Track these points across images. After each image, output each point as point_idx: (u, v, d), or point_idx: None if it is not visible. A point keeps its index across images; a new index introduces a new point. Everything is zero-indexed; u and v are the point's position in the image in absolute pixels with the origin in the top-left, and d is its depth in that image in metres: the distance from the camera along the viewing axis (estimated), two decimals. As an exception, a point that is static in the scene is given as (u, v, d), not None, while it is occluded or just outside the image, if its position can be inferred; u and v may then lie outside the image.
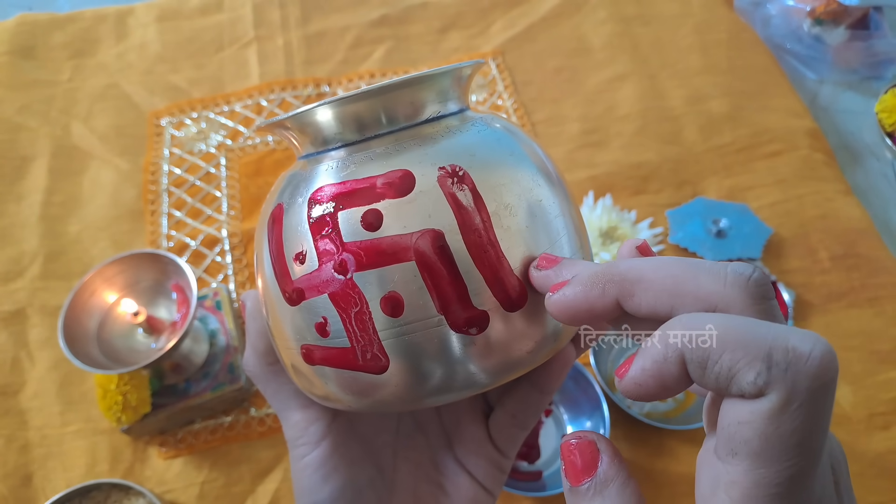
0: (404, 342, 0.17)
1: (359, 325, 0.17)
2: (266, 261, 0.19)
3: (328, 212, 0.18)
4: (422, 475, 0.24)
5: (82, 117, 0.63)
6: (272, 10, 0.72)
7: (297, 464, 0.22)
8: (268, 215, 0.20)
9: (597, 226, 0.54)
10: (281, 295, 0.18)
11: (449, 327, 0.17)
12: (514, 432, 0.25)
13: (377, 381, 0.18)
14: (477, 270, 0.17)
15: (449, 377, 0.18)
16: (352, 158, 0.18)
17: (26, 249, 0.55)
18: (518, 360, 0.18)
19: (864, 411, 0.46)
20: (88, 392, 0.47)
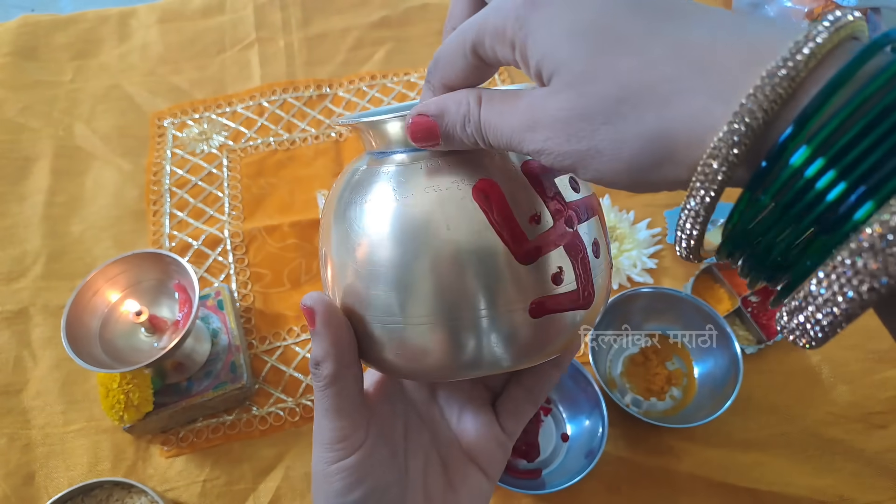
0: (601, 275, 0.22)
1: (583, 268, 0.21)
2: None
3: (547, 178, 0.21)
4: (430, 471, 0.25)
5: (85, 118, 0.64)
6: (273, 11, 0.72)
7: (328, 467, 0.22)
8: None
9: (596, 226, 0.55)
10: (509, 258, 0.20)
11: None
12: (525, 408, 0.26)
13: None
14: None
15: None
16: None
17: (29, 249, 0.55)
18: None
19: (862, 410, 0.46)
20: (91, 391, 0.48)
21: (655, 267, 0.53)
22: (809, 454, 0.45)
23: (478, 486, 0.25)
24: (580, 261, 0.21)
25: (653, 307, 0.49)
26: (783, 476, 0.44)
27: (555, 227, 0.20)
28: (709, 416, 0.42)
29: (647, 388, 0.48)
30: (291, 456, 0.45)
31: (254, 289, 0.54)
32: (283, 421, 0.47)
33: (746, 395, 0.46)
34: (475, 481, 0.25)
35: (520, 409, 0.26)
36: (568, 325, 0.21)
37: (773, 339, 0.49)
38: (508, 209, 0.20)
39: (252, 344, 0.51)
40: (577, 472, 0.40)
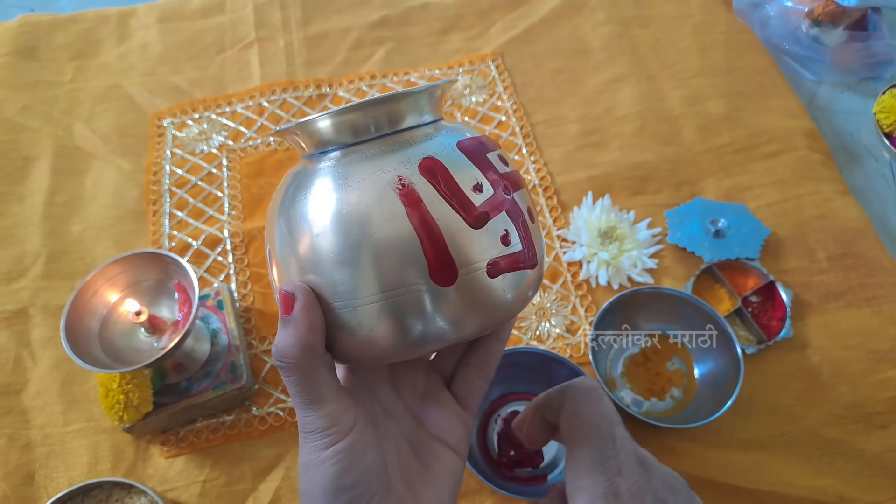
0: (537, 239, 0.24)
1: (524, 231, 0.23)
2: (422, 207, 0.21)
3: (482, 154, 0.23)
4: (402, 457, 0.26)
5: (84, 118, 0.64)
6: (273, 11, 0.72)
7: (321, 453, 0.23)
8: (406, 172, 0.22)
9: (595, 226, 0.55)
10: (462, 223, 0.22)
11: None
12: (479, 384, 0.28)
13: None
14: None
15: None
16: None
17: (29, 249, 0.55)
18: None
19: (863, 410, 0.46)
20: (90, 391, 0.48)
21: (656, 267, 0.53)
22: (810, 454, 0.45)
23: (449, 463, 0.26)
24: (521, 224, 0.23)
25: (653, 307, 0.49)
26: (783, 476, 0.44)
27: (496, 193, 0.23)
28: (709, 416, 0.42)
29: (648, 388, 0.48)
30: (291, 456, 0.45)
31: (253, 289, 0.54)
32: (282, 421, 0.47)
33: (747, 395, 0.46)
34: (446, 459, 0.26)
35: (474, 387, 0.28)
36: (521, 285, 0.23)
37: (774, 339, 0.49)
38: (454, 181, 0.22)
39: (252, 344, 0.51)
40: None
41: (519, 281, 0.23)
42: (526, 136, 0.63)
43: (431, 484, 0.25)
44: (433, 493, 0.25)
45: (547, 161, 0.61)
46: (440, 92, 0.25)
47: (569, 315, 0.52)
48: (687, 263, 0.54)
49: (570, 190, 0.59)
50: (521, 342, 0.50)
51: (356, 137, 0.23)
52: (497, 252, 0.22)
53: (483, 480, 0.40)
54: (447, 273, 0.21)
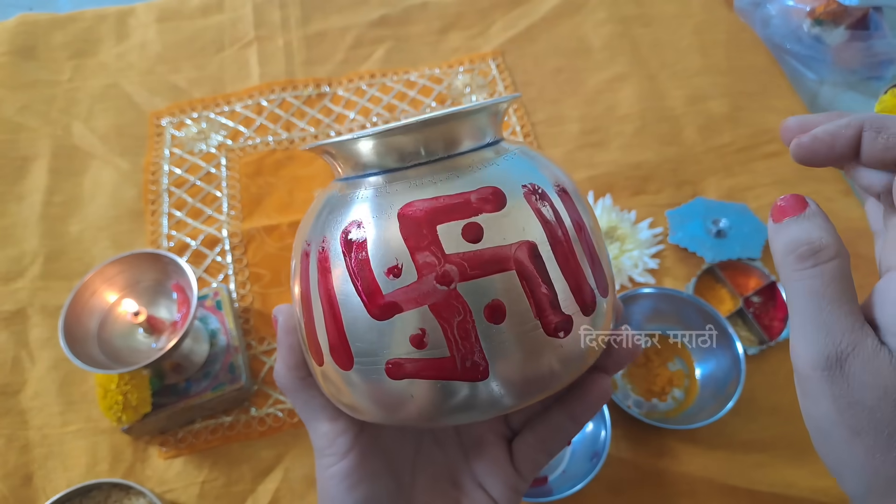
0: (503, 347, 0.18)
1: (461, 334, 0.18)
2: (329, 280, 0.19)
3: (425, 226, 0.18)
4: (438, 490, 0.25)
5: (83, 117, 0.64)
6: (272, 10, 0.72)
7: (323, 473, 0.23)
8: (330, 235, 0.20)
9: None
10: (363, 311, 0.18)
11: (542, 331, 0.19)
12: (539, 457, 0.25)
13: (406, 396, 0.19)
14: (563, 279, 0.19)
15: (538, 375, 0.19)
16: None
17: (27, 249, 0.55)
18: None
19: (864, 411, 0.46)
20: (89, 392, 0.47)
21: (657, 267, 0.53)
22: (812, 456, 0.44)
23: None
24: (457, 325, 0.18)
25: (654, 307, 0.49)
26: (785, 477, 0.44)
27: (418, 282, 0.18)
28: (711, 417, 0.42)
29: (649, 389, 0.48)
30: (290, 457, 0.45)
31: (252, 289, 0.53)
32: (281, 422, 0.47)
33: (748, 396, 0.46)
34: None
35: (535, 461, 0.25)
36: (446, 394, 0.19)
37: (776, 339, 0.48)
38: (366, 260, 0.18)
39: (251, 345, 0.50)
40: (582, 476, 0.40)
41: (591, 334, 0.20)
42: (526, 136, 0.63)
43: None
44: None
45: (547, 160, 0.61)
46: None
47: (569, 315, 0.51)
48: (688, 263, 0.54)
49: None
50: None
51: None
52: (403, 352, 0.18)
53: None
54: (343, 358, 0.19)
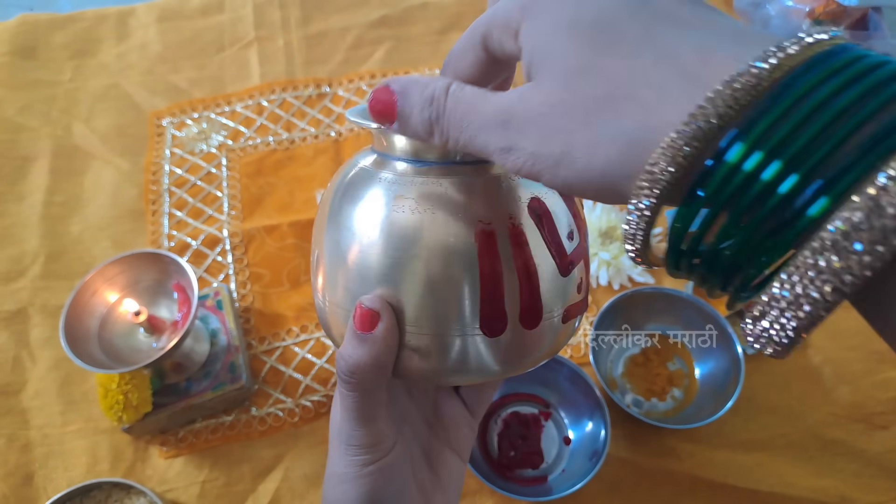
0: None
1: (587, 278, 0.24)
2: (527, 251, 0.21)
3: (571, 198, 0.23)
4: (416, 463, 0.26)
5: (83, 117, 0.64)
6: (273, 10, 0.72)
7: (362, 469, 0.22)
8: (515, 213, 0.21)
9: (596, 226, 0.54)
10: (555, 271, 0.22)
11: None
12: (488, 390, 0.29)
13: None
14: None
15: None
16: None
17: (27, 249, 0.55)
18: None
19: (864, 411, 0.46)
20: (90, 391, 0.48)
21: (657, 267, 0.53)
22: (811, 455, 0.45)
23: (456, 468, 0.27)
24: (587, 272, 0.24)
25: (654, 307, 0.49)
26: (784, 477, 0.44)
27: (581, 243, 0.23)
28: (710, 416, 0.42)
29: (648, 388, 0.48)
30: (291, 457, 0.45)
31: (253, 289, 0.53)
32: (282, 422, 0.47)
33: (748, 395, 0.46)
34: (452, 464, 0.27)
35: (485, 394, 0.28)
36: (551, 331, 0.22)
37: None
38: (555, 227, 0.21)
39: (251, 344, 0.51)
40: (582, 476, 0.40)
41: (575, 323, 0.23)
42: (526, 136, 0.63)
43: (441, 490, 0.25)
44: (443, 500, 0.25)
45: (547, 161, 0.61)
46: None
47: (569, 315, 0.52)
48: (687, 263, 0.54)
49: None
50: (521, 342, 0.50)
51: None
52: (572, 300, 0.22)
53: (483, 481, 0.40)
54: (533, 318, 0.21)
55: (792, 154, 0.11)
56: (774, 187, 0.11)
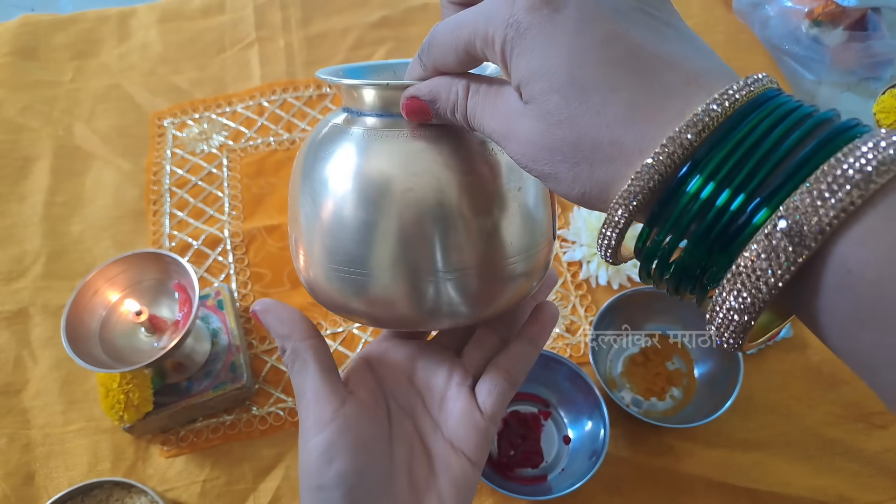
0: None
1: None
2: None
3: None
4: (415, 459, 0.25)
5: (84, 118, 0.64)
6: (273, 11, 0.72)
7: (304, 445, 0.23)
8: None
9: (596, 226, 0.55)
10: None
11: None
12: (504, 389, 0.26)
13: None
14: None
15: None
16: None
17: (29, 249, 0.55)
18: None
19: (862, 410, 0.46)
20: (91, 391, 0.48)
21: (655, 267, 0.53)
22: (810, 454, 0.45)
23: (461, 472, 0.25)
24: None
25: (653, 307, 0.49)
26: (783, 476, 0.44)
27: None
28: (709, 416, 0.42)
29: (648, 388, 0.48)
30: (291, 456, 0.45)
31: (254, 289, 0.54)
32: (283, 421, 0.47)
33: (747, 395, 0.46)
34: (458, 468, 0.25)
35: (499, 391, 0.26)
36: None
37: (774, 339, 0.49)
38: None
39: (252, 344, 0.51)
40: (581, 475, 0.40)
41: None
42: (526, 136, 0.63)
43: (435, 493, 0.24)
44: (436, 499, 0.24)
45: (547, 161, 0.61)
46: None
47: (568, 315, 0.52)
48: (687, 263, 0.54)
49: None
50: (521, 342, 0.50)
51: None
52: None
53: (483, 480, 0.40)
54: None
55: (738, 182, 0.14)
56: (727, 207, 0.14)
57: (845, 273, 0.13)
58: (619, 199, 0.16)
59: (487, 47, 0.18)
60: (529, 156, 0.17)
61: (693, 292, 0.17)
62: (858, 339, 0.13)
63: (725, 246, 0.14)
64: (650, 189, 0.15)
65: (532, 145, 0.17)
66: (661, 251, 0.16)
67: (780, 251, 0.13)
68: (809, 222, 0.13)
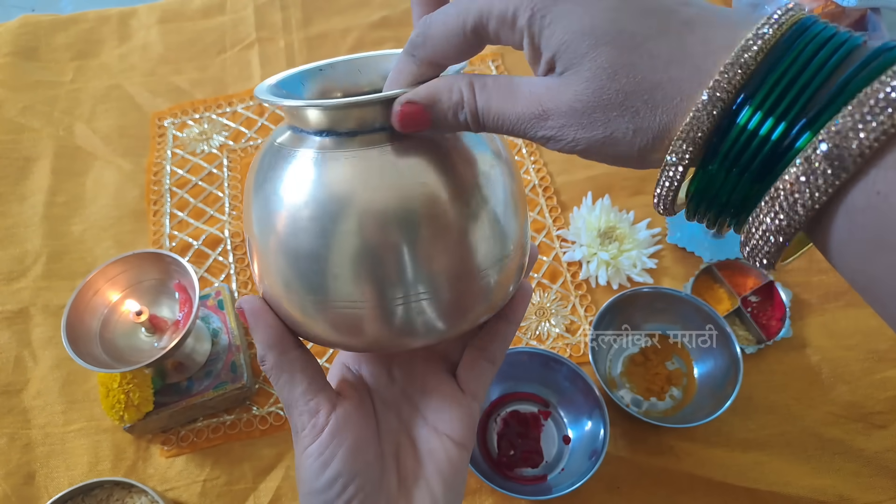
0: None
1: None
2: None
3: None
4: (402, 451, 0.26)
5: (85, 118, 0.64)
6: (274, 11, 0.72)
7: (301, 453, 0.24)
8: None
9: (595, 226, 0.55)
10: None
11: None
12: (485, 367, 0.27)
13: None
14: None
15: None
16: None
17: (29, 249, 0.55)
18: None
19: (862, 410, 0.46)
20: (91, 391, 0.48)
21: (655, 267, 0.53)
22: (809, 454, 0.45)
23: (446, 456, 0.25)
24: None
25: (653, 307, 0.49)
26: (783, 476, 0.44)
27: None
28: (709, 415, 0.42)
29: (647, 387, 0.48)
30: (292, 455, 0.45)
31: (254, 289, 0.54)
32: (283, 420, 0.47)
33: (746, 394, 0.46)
34: (443, 452, 0.25)
35: (479, 371, 0.26)
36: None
37: (773, 339, 0.49)
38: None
39: (252, 344, 0.51)
40: (581, 474, 0.40)
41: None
42: (526, 137, 0.63)
43: (425, 482, 0.25)
44: (426, 493, 0.24)
45: (547, 161, 0.61)
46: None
47: (568, 315, 0.52)
48: (686, 263, 0.54)
49: (569, 190, 0.59)
50: (520, 342, 0.51)
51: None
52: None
53: (483, 480, 0.40)
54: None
55: (781, 110, 0.15)
56: (769, 137, 0.15)
57: (874, 194, 0.13)
58: (681, 134, 0.16)
59: (504, 26, 0.18)
60: (579, 124, 0.17)
61: (731, 224, 0.17)
62: (876, 262, 0.14)
63: (767, 174, 0.15)
64: (710, 122, 0.15)
65: (581, 113, 0.17)
66: (715, 188, 0.16)
67: (818, 174, 0.13)
68: (850, 146, 0.13)
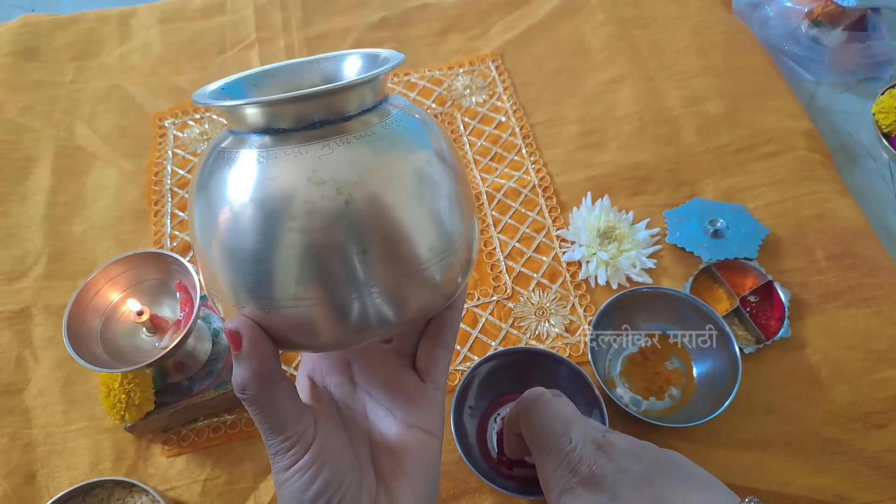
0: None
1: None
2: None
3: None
4: (376, 451, 0.26)
5: (86, 118, 0.64)
6: (274, 12, 0.72)
7: (283, 474, 0.23)
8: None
9: (595, 226, 0.55)
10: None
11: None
12: (440, 354, 0.28)
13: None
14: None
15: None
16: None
17: (31, 249, 0.55)
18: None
19: (861, 410, 0.46)
20: (92, 390, 0.48)
21: (654, 267, 0.54)
22: (808, 454, 0.45)
23: (422, 448, 0.26)
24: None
25: (652, 307, 0.49)
26: (782, 475, 0.44)
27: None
28: (708, 415, 0.42)
29: (647, 387, 0.48)
30: (292, 455, 0.46)
31: (254, 289, 0.54)
32: (283, 420, 0.47)
33: (745, 394, 0.47)
34: (418, 444, 0.26)
35: (435, 358, 0.28)
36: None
37: (772, 338, 0.49)
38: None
39: (253, 343, 0.51)
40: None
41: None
42: (525, 137, 0.63)
43: (403, 475, 0.25)
44: (406, 485, 0.25)
45: (546, 161, 0.61)
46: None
47: (568, 315, 0.52)
48: (685, 263, 0.54)
49: (569, 190, 0.59)
50: (520, 341, 0.51)
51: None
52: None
53: (483, 479, 0.40)
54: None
55: None
56: None
57: None
58: None
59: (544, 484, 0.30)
60: None
61: None
62: None
63: None
64: None
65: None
66: None
67: None
68: None
